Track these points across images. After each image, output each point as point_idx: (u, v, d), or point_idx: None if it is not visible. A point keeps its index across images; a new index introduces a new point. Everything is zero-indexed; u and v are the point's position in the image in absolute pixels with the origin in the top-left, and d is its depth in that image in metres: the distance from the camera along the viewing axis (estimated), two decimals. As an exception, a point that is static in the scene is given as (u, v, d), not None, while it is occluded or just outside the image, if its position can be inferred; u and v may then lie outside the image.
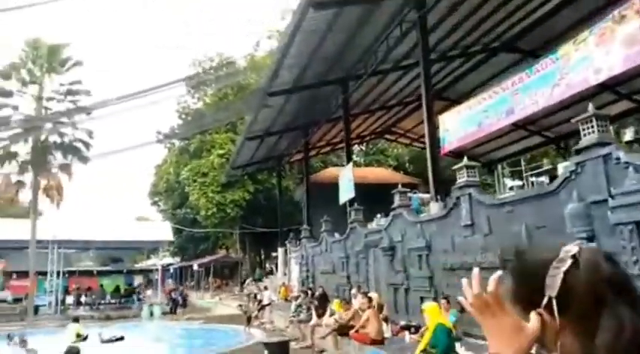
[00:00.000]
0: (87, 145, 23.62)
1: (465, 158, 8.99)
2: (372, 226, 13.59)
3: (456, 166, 9.06)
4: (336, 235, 16.39)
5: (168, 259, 43.31)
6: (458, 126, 10.70)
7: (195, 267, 36.98)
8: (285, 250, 24.40)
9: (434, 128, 11.66)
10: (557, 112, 16.62)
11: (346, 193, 16.00)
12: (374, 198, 15.48)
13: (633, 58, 6.81)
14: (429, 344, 5.99)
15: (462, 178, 8.85)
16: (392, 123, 24.72)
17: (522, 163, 23.19)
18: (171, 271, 44.75)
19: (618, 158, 5.83)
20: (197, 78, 30.75)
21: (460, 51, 17.03)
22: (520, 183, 16.96)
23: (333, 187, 19.82)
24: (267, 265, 36.90)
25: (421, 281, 10.14)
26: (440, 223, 9.68)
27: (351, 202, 15.73)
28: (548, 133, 21.23)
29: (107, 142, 28.76)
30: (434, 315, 6.12)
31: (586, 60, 7.56)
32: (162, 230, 28.93)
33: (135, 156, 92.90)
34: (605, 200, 5.95)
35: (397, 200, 11.42)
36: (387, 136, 27.23)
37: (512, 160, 24.43)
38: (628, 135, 22.51)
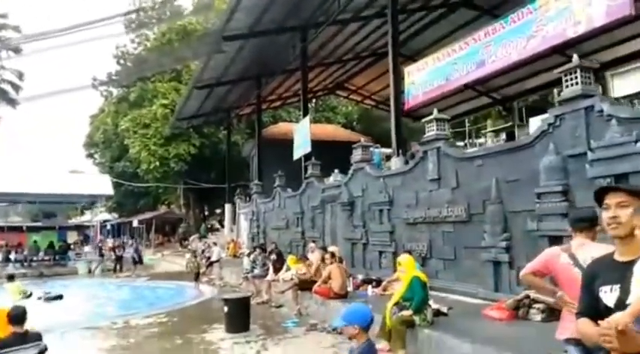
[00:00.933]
0: (16, 87, 21.40)
1: (435, 111, 8.74)
2: (330, 181, 13.28)
3: (425, 119, 8.80)
4: (289, 190, 16.04)
5: (105, 215, 41.39)
6: (425, 79, 10.39)
7: (135, 223, 35.60)
8: (233, 206, 23.81)
9: (398, 80, 11.33)
10: (507, 72, 16.89)
11: (301, 148, 15.55)
12: (326, 155, 15.10)
13: (616, 11, 6.68)
14: (403, 297, 5.83)
15: (431, 132, 8.62)
16: (345, 78, 24.21)
17: (467, 124, 23.65)
18: (109, 227, 42.96)
19: (601, 110, 5.73)
20: (137, 18, 28.43)
21: (421, 4, 16.57)
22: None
23: (284, 142, 19.30)
24: (213, 222, 36.18)
25: (381, 236, 10.03)
26: (404, 177, 9.50)
27: (307, 157, 15.30)
28: (495, 95, 21.61)
29: (40, 87, 26.25)
30: (410, 268, 5.95)
31: (566, 11, 7.38)
32: (100, 184, 27.25)
33: (69, 104, 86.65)
34: (584, 153, 5.89)
35: (359, 154, 11.13)
36: (339, 92, 26.72)
37: (457, 120, 24.85)
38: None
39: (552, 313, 5.32)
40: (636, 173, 5.27)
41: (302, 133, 15.75)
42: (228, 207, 25.17)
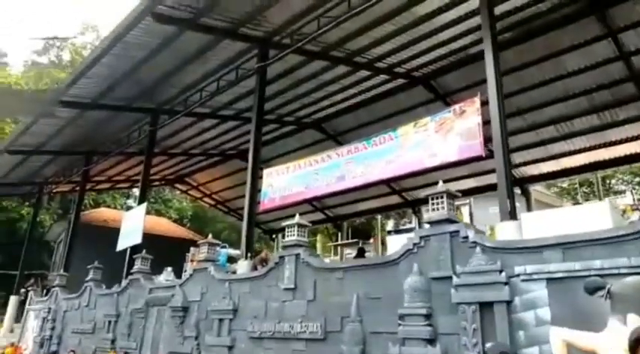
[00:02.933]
0: None
1: (297, 216, 8.37)
2: (160, 280, 11.59)
3: (287, 223, 8.34)
4: (104, 286, 13.63)
5: None
6: (284, 183, 10.20)
7: None
8: (23, 300, 19.35)
9: (256, 180, 10.88)
10: (342, 193, 17.99)
11: (130, 238, 13.61)
12: (155, 251, 13.43)
13: (467, 150, 7.43)
14: None
15: (291, 236, 8.14)
16: (187, 172, 23.12)
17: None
18: None
19: (466, 237, 5.94)
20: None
21: (276, 117, 17.10)
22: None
23: (104, 230, 16.98)
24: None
25: (217, 351, 8.72)
26: (254, 283, 8.64)
27: (134, 250, 13.35)
28: (328, 212, 22.69)
29: None
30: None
31: (423, 143, 8.02)
32: None
33: None
34: (449, 277, 5.93)
35: (204, 252, 9.98)
36: (178, 186, 25.27)
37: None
38: (389, 225, 25.87)
39: None
40: (501, 302, 5.37)
41: (133, 222, 13.92)
42: (13, 300, 20.34)
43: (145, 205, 13.85)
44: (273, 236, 25.07)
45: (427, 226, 6.44)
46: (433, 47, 12.57)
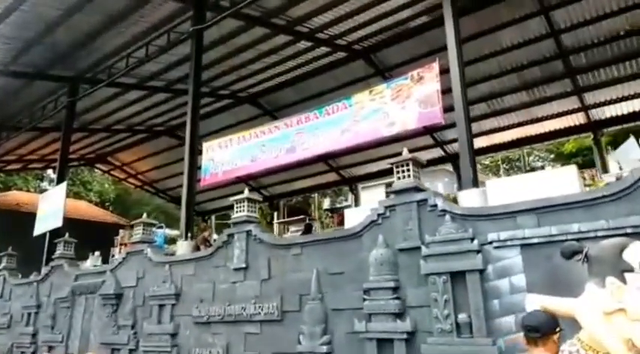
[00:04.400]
0: None
1: (246, 190, 7.66)
2: (86, 265, 10.38)
3: (235, 197, 7.60)
4: (19, 276, 12.10)
5: None
6: (227, 157, 9.35)
7: None
8: None
9: (195, 156, 9.95)
10: (277, 172, 17.47)
11: (49, 221, 12.11)
12: (76, 235, 12.09)
13: (427, 118, 7.10)
14: None
15: (241, 212, 7.42)
16: (110, 151, 21.22)
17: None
18: None
19: (435, 205, 5.60)
20: None
21: (210, 90, 16.00)
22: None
23: (17, 215, 15.11)
24: None
25: (159, 339, 7.86)
26: (199, 264, 7.84)
27: (54, 234, 11.90)
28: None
29: None
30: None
31: (379, 111, 7.59)
32: None
33: None
34: (417, 248, 5.58)
35: (139, 233, 8.96)
36: (100, 166, 23.22)
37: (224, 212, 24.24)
38: (325, 204, 25.70)
39: None
40: (473, 271, 5.10)
41: (52, 203, 12.39)
42: None
43: (65, 184, 12.36)
44: (206, 218, 23.95)
45: (392, 196, 6.03)
46: (375, 19, 12.17)
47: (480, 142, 16.79)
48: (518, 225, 5.03)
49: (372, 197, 21.22)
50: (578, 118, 14.80)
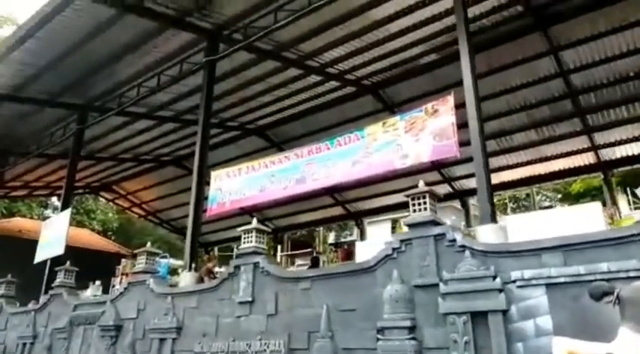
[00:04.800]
0: None
1: (255, 221, 7.42)
2: (86, 295, 10.03)
3: (243, 228, 7.36)
4: (17, 304, 11.72)
5: None
6: (235, 186, 9.15)
7: None
8: None
9: (202, 185, 9.78)
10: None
11: (50, 249, 11.82)
12: (78, 265, 11.77)
13: (441, 151, 6.93)
14: None
15: (248, 243, 7.17)
16: (115, 180, 21.09)
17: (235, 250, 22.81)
18: None
19: (453, 240, 5.35)
20: None
21: (219, 121, 16.00)
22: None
23: (18, 242, 14.81)
24: None
25: (157, 375, 7.45)
26: (203, 297, 7.52)
27: (55, 262, 11.58)
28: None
29: None
30: None
31: (392, 143, 7.43)
32: None
33: None
34: (435, 285, 5.29)
35: (141, 263, 8.67)
36: (104, 194, 23.04)
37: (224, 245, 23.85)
38: (330, 238, 25.31)
39: None
40: (496, 312, 4.79)
41: (55, 230, 12.13)
42: None
43: (69, 211, 12.13)
44: (209, 249, 23.56)
45: (406, 229, 5.79)
46: (385, 55, 12.24)
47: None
48: (543, 263, 4.76)
49: (378, 232, 21.03)
50: (587, 158, 14.67)
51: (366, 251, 6.66)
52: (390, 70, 13.12)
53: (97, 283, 11.34)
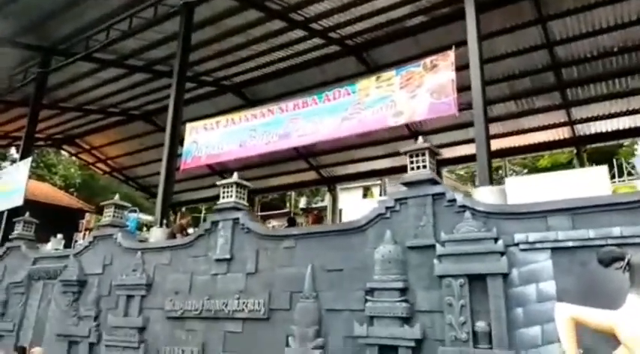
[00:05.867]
0: None
1: (235, 174, 6.85)
2: (47, 248, 9.29)
3: (223, 181, 6.79)
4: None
5: None
6: (212, 141, 8.47)
7: None
8: None
9: (175, 139, 9.06)
10: (253, 167, 16.71)
11: (8, 199, 10.87)
12: (39, 219, 10.92)
13: (439, 108, 6.49)
14: None
15: (228, 198, 6.61)
16: (79, 133, 19.79)
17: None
18: None
19: (453, 200, 4.98)
20: None
21: (193, 75, 15.01)
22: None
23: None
24: None
25: (124, 334, 6.94)
26: (177, 253, 6.97)
27: (14, 213, 10.68)
28: (323, 172, 20.81)
29: None
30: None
31: (386, 99, 6.93)
32: None
33: None
34: (431, 246, 4.93)
35: (109, 216, 7.99)
36: (67, 147, 21.66)
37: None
38: (302, 203, 24.96)
39: None
40: (496, 275, 4.48)
41: (13, 180, 11.15)
42: None
43: (29, 160, 11.16)
44: (176, 209, 22.75)
45: (403, 187, 5.37)
46: (372, 13, 11.56)
47: (462, 151, 16.45)
48: (549, 226, 4.45)
49: (350, 198, 20.74)
50: (563, 132, 14.61)
51: (354, 213, 6.23)
52: (376, 31, 12.47)
53: (59, 236, 10.56)
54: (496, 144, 15.67)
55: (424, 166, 5.28)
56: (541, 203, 4.56)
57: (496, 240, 4.57)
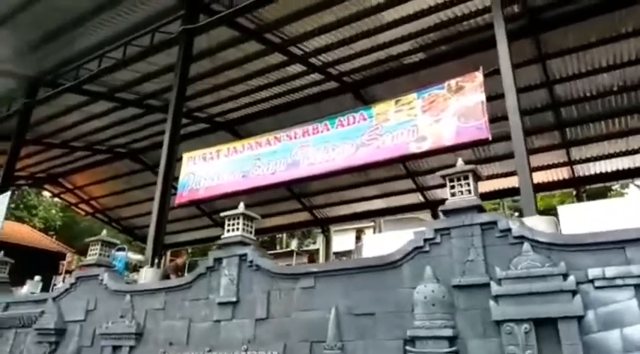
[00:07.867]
0: None
1: (242, 205, 6.00)
2: (23, 292, 8.11)
3: (227, 213, 5.91)
4: None
5: None
6: (212, 171, 7.66)
7: None
8: None
9: (170, 171, 8.19)
10: (325, 192, 15.94)
11: (-21, 238, 9.72)
12: (14, 260, 9.76)
13: (469, 133, 5.86)
14: None
15: (234, 231, 5.72)
16: (63, 172, 18.65)
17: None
18: None
19: (507, 229, 4.21)
20: None
21: (186, 110, 14.31)
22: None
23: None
24: None
25: (106, 392, 5.77)
26: (172, 296, 5.95)
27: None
28: (317, 213, 19.72)
29: None
30: None
31: (407, 124, 6.29)
32: None
33: None
34: (483, 285, 4.11)
35: (94, 254, 6.95)
36: (49, 187, 20.39)
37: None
38: (293, 245, 23.86)
39: None
40: (569, 319, 3.66)
41: (-13, 218, 10.04)
42: None
43: (8, 194, 10.11)
44: (163, 252, 21.43)
45: (441, 216, 4.60)
46: (371, 49, 11.22)
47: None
48: (629, 259, 3.69)
49: (343, 241, 19.86)
50: (562, 173, 14.23)
51: (375, 246, 5.40)
52: (374, 67, 12.13)
53: (37, 278, 9.34)
54: (494, 184, 15.22)
55: (468, 191, 4.54)
56: (617, 231, 3.82)
57: (565, 276, 3.79)
